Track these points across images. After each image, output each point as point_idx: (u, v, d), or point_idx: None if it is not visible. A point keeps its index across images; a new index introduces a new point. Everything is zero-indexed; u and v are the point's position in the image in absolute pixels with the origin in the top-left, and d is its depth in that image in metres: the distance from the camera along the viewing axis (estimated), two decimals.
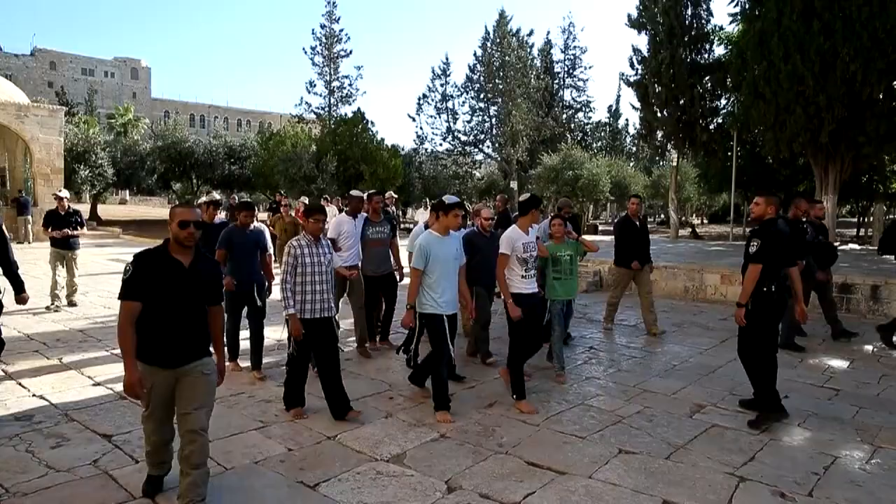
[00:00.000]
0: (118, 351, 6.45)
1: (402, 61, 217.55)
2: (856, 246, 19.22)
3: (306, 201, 15.50)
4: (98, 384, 5.40)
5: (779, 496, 3.57)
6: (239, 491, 3.54)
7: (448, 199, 4.83)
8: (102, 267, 13.96)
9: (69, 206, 9.14)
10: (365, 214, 6.60)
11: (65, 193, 9.40)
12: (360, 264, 6.48)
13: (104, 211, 32.77)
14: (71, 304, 9.09)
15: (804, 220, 7.34)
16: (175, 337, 3.17)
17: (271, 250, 6.09)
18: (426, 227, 5.61)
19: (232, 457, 3.95)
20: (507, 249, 5.06)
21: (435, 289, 4.68)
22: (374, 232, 6.54)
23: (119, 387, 5.25)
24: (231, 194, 29.05)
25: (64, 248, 9.02)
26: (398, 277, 6.86)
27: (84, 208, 31.18)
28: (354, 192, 6.72)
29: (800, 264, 6.22)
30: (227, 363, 4.82)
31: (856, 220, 34.67)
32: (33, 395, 5.08)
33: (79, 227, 9.14)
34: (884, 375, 6.15)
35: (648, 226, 8.25)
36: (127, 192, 47.54)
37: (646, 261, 7.86)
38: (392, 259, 6.77)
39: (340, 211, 16.34)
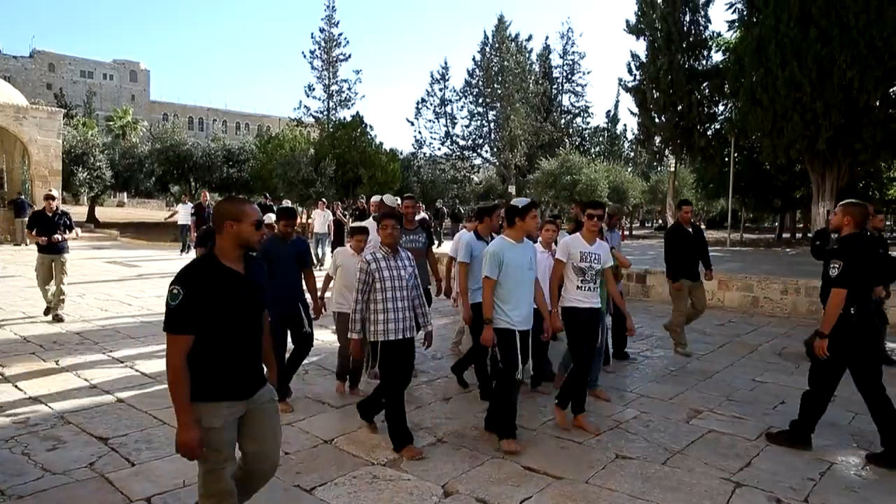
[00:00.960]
0: (116, 354, 6.49)
1: (401, 66, 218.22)
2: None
3: (289, 204, 15.11)
4: (94, 387, 5.39)
5: (774, 502, 3.57)
6: None
7: (519, 201, 4.36)
8: (99, 269, 13.94)
9: (57, 207, 8.36)
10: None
11: (56, 193, 8.72)
12: None
13: (102, 213, 32.73)
14: (56, 318, 8.11)
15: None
16: (247, 361, 2.62)
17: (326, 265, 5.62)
18: (476, 234, 5.46)
19: None
20: (562, 256, 4.72)
21: (506, 301, 4.22)
22: (407, 241, 5.80)
23: (117, 390, 5.27)
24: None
25: (51, 253, 8.18)
26: (434, 291, 6.35)
27: (82, 210, 31.20)
28: (387, 198, 6.18)
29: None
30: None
31: None
32: (29, 398, 5.07)
33: (68, 231, 8.36)
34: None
35: (702, 233, 7.57)
36: (125, 194, 47.47)
37: (705, 267, 7.28)
38: (429, 271, 6.24)
39: (335, 216, 16.33)
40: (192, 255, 16.32)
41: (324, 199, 17.43)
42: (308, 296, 5.17)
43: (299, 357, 5.12)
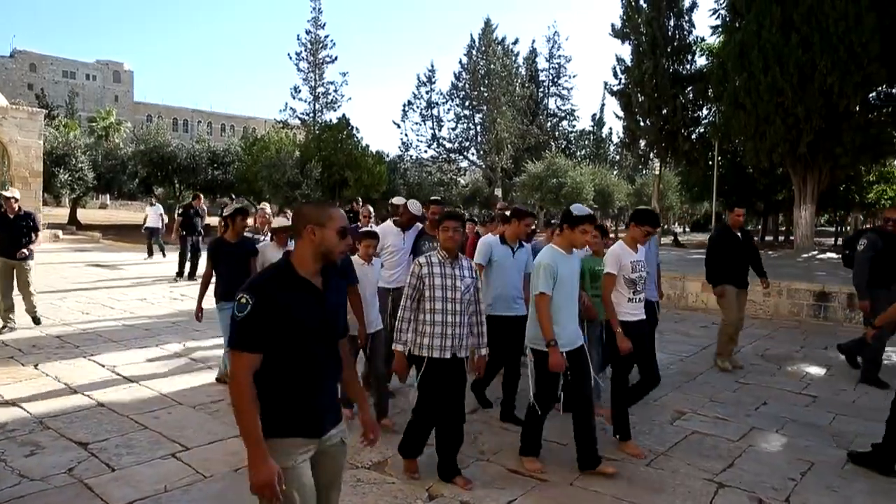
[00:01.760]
0: (97, 357, 6.40)
1: (388, 68, 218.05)
2: (833, 255, 19.52)
3: (266, 208, 14.01)
4: (75, 391, 5.31)
5: (756, 502, 3.60)
6: (217, 499, 3.49)
7: (577, 209, 3.91)
8: (81, 272, 13.76)
9: (19, 208, 7.45)
10: (419, 226, 5.62)
11: (13, 193, 7.62)
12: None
13: (84, 215, 32.32)
14: (35, 321, 7.77)
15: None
16: (321, 392, 2.23)
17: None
18: (502, 238, 4.95)
19: (211, 465, 3.91)
20: (613, 268, 4.32)
21: (554, 317, 3.78)
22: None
23: (98, 394, 5.20)
24: (216, 199, 28.86)
25: (9, 258, 7.36)
26: None
27: (63, 213, 30.80)
28: (412, 203, 5.60)
29: None
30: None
31: (833, 229, 35.27)
32: (7, 402, 4.98)
33: (33, 234, 7.46)
34: (860, 383, 6.24)
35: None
36: (107, 196, 46.90)
37: (760, 275, 6.86)
38: None
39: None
40: (159, 258, 16.13)
41: (305, 201, 17.18)
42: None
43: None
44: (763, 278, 6.83)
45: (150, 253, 16.73)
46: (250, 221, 7.09)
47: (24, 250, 7.40)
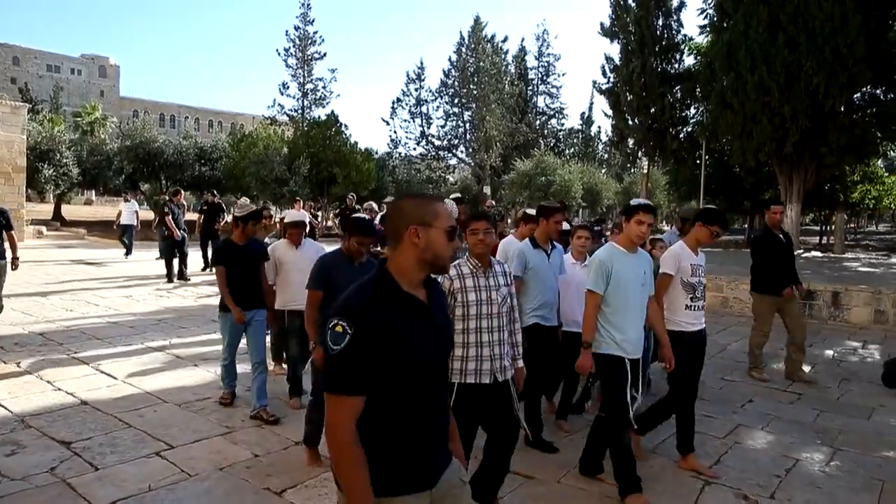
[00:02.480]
0: (80, 355, 6.32)
1: (377, 65, 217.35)
2: (818, 253, 19.74)
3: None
4: (58, 389, 5.24)
5: (742, 499, 3.63)
6: (202, 498, 3.46)
7: (636, 201, 3.65)
8: (65, 269, 13.60)
9: None
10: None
11: None
12: None
13: (69, 211, 31.95)
14: None
15: None
16: (436, 431, 1.85)
17: None
18: (532, 241, 4.48)
19: (196, 463, 3.87)
20: (671, 269, 3.97)
21: (613, 321, 3.51)
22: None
23: (81, 392, 5.13)
24: (203, 196, 28.54)
25: None
26: None
27: (48, 208, 30.43)
28: (447, 202, 5.04)
29: None
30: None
31: (818, 228, 35.65)
32: None
33: (4, 231, 6.72)
34: (843, 380, 6.31)
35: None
36: (93, 192, 46.42)
37: (793, 282, 6.27)
38: None
39: (316, 218, 15.84)
40: (137, 256, 15.93)
41: (299, 199, 16.35)
42: None
43: None
44: (797, 284, 6.31)
45: (128, 250, 16.19)
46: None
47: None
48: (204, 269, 13.24)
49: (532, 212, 4.99)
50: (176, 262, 12.30)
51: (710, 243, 4.16)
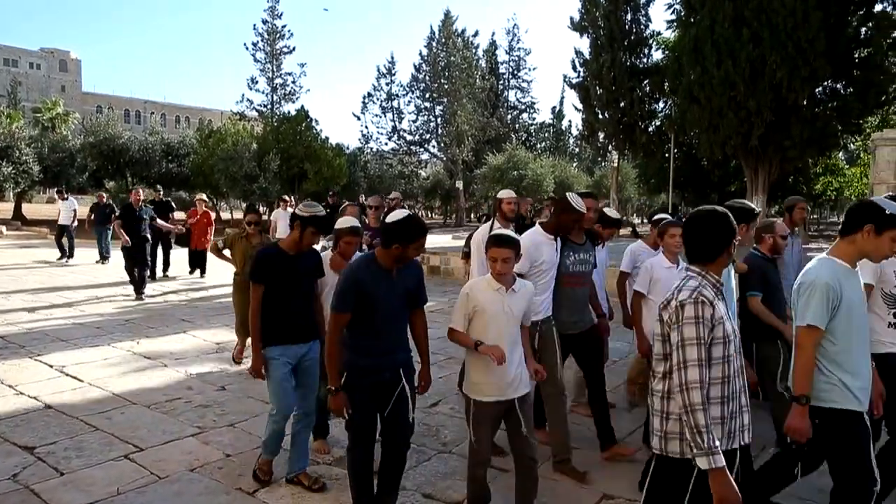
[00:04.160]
0: (44, 357, 6.16)
1: (348, 61, 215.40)
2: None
3: (204, 197, 13.20)
4: (20, 394, 5.09)
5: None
6: (173, 500, 3.40)
7: (890, 205, 2.55)
8: (27, 270, 13.21)
9: None
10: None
11: None
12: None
13: (30, 210, 31.05)
14: None
15: None
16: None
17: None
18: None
19: (166, 465, 3.80)
20: (872, 278, 3.18)
21: (843, 362, 2.55)
22: (577, 261, 3.98)
23: (45, 396, 5.00)
24: (158, 192, 27.90)
25: None
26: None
27: (7, 207, 29.50)
28: (573, 197, 3.77)
29: None
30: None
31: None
32: None
33: None
34: None
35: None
36: (55, 190, 45.23)
37: None
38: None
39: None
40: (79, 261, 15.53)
41: (286, 197, 13.91)
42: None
43: (392, 472, 3.13)
44: None
45: (63, 252, 14.67)
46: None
47: None
48: (160, 277, 12.12)
49: (613, 214, 4.74)
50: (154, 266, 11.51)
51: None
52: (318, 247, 3.90)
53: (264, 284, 3.45)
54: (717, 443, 2.03)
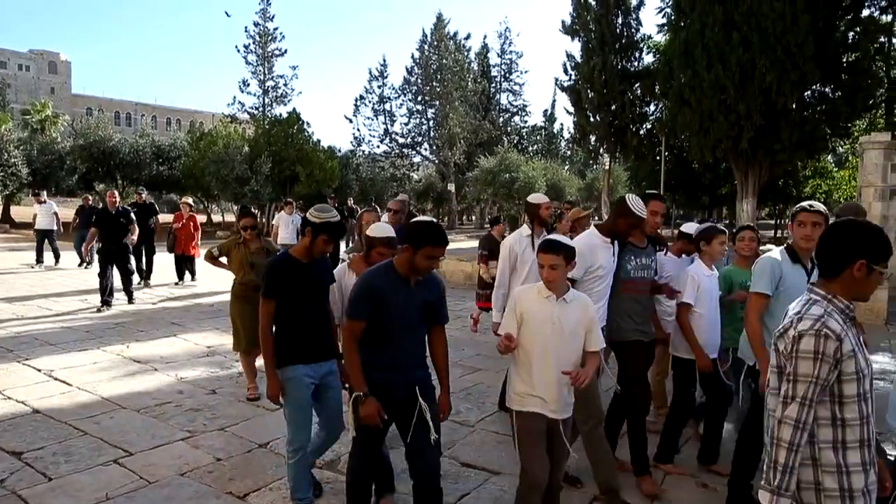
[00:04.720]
0: (32, 362, 6.12)
1: (340, 64, 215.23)
2: (772, 246, 20.37)
3: (190, 201, 12.35)
4: (8, 398, 5.04)
5: (701, 486, 3.72)
6: None
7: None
8: (16, 274, 13.10)
9: None
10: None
11: None
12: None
13: (19, 213, 30.80)
14: None
15: None
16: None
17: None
18: (790, 252, 3.26)
19: (156, 469, 3.78)
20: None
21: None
22: (638, 266, 3.70)
23: (33, 400, 4.95)
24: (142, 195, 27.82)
25: None
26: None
27: None
28: (633, 199, 3.52)
29: None
30: None
31: (773, 222, 36.76)
32: None
33: None
34: None
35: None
36: (45, 192, 44.90)
37: None
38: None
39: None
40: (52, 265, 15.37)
41: (290, 200, 13.38)
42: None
43: (426, 486, 2.90)
44: None
45: (40, 260, 13.97)
46: None
47: None
48: (143, 283, 11.64)
49: (689, 228, 4.34)
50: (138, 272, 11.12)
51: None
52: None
53: (276, 299, 3.12)
54: (791, 489, 1.83)
